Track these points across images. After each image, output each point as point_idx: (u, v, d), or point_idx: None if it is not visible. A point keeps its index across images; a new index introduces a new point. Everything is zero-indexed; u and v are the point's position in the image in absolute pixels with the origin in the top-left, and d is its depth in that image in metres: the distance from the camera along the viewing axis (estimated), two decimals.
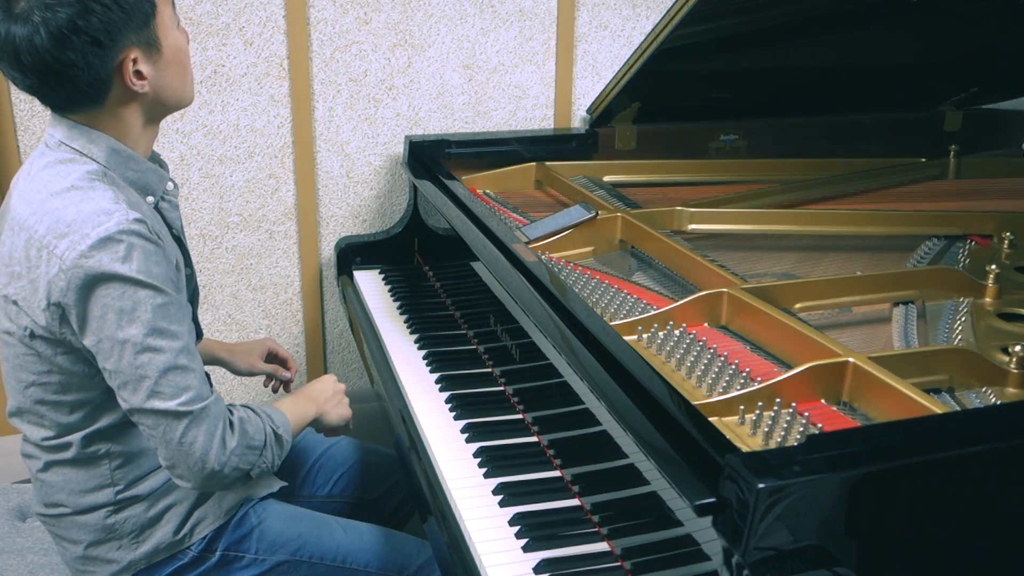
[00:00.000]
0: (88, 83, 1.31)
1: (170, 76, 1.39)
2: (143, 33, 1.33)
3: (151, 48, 1.35)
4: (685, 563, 1.09)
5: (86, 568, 1.50)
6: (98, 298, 1.29)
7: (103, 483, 1.46)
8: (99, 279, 1.28)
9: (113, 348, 1.30)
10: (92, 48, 1.28)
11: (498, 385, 1.75)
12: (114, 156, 1.38)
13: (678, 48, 2.10)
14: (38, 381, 1.41)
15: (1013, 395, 1.26)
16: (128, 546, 1.48)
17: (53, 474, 1.47)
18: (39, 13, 1.25)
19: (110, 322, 1.29)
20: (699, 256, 1.64)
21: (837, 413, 1.22)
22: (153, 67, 1.36)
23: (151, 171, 1.43)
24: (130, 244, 1.29)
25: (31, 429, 1.47)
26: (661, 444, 1.09)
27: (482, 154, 2.31)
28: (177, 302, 1.35)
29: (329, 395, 1.66)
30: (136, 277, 1.29)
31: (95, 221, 1.29)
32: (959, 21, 2.23)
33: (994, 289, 1.55)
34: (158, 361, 1.31)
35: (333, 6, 2.31)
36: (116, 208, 1.31)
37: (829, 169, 2.27)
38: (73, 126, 1.37)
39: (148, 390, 1.31)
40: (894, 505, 0.98)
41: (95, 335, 1.31)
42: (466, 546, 1.33)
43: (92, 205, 1.31)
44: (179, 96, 1.42)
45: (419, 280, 2.27)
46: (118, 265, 1.28)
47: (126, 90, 1.35)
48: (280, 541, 1.58)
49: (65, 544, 1.51)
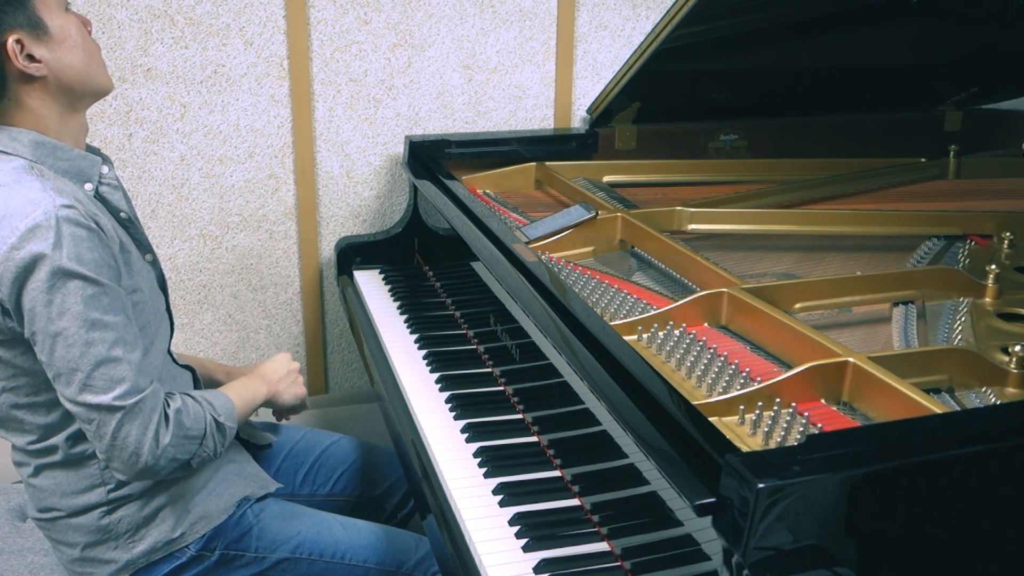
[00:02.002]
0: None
1: (67, 57, 1.37)
2: (20, 15, 1.32)
3: (36, 30, 1.33)
4: (685, 563, 1.09)
5: (84, 570, 1.50)
6: (28, 290, 1.28)
7: (94, 483, 1.46)
8: (29, 269, 1.28)
9: (45, 340, 1.30)
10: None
11: (498, 385, 1.75)
12: (39, 148, 1.37)
13: (678, 48, 2.10)
14: (7, 387, 1.40)
15: (1013, 395, 1.26)
16: (124, 546, 1.48)
17: (44, 478, 1.47)
18: None
19: (40, 314, 1.29)
20: (699, 256, 1.64)
21: (837, 413, 1.22)
22: (46, 49, 1.34)
23: (80, 157, 1.42)
24: (59, 230, 1.28)
25: (14, 436, 1.46)
26: (661, 444, 1.09)
27: (482, 154, 2.31)
28: (112, 291, 1.33)
29: (282, 374, 1.66)
30: (66, 266, 1.28)
31: (23, 212, 1.29)
32: (959, 21, 2.23)
33: (994, 289, 1.55)
34: (91, 354, 1.30)
35: (333, 6, 2.31)
36: (43, 196, 1.30)
37: (829, 169, 2.27)
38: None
39: (80, 383, 1.30)
40: (894, 505, 0.98)
41: (29, 327, 1.31)
42: (466, 546, 1.33)
43: (19, 198, 1.31)
44: (84, 78, 1.40)
45: (419, 280, 2.27)
46: (48, 252, 1.27)
47: (23, 76, 1.34)
48: (279, 539, 1.58)
49: (62, 547, 1.51)
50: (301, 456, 1.83)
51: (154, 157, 2.30)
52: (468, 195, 1.97)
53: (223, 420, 1.46)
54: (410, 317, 2.04)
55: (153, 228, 2.35)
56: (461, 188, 2.02)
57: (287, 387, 1.67)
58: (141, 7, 2.20)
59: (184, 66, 2.25)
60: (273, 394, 1.64)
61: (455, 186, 2.03)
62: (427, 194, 2.10)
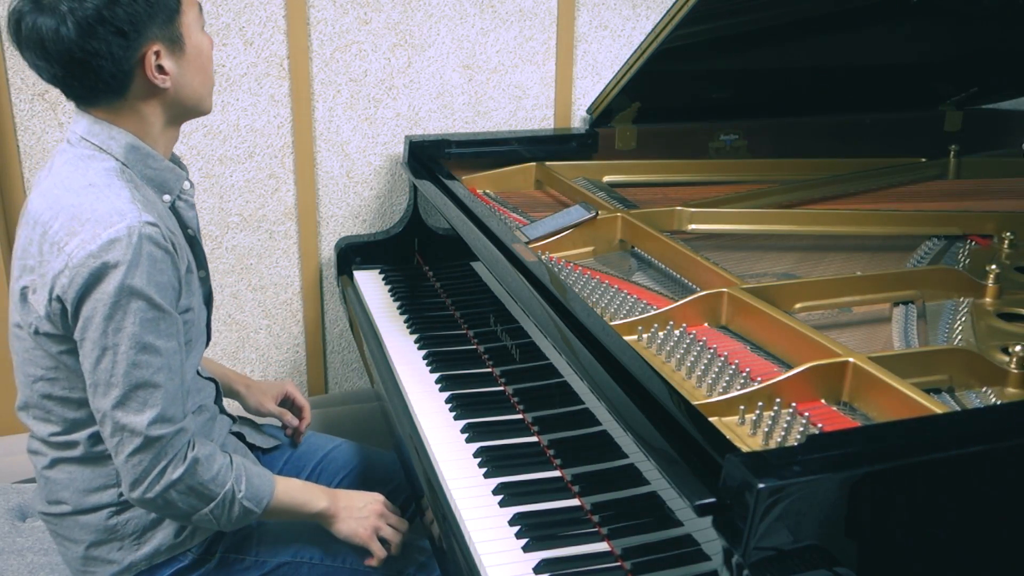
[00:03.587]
0: (111, 74, 1.32)
1: (191, 75, 1.40)
2: (167, 28, 1.35)
3: (174, 44, 1.37)
4: (685, 563, 1.08)
5: (87, 568, 1.50)
6: (92, 299, 1.29)
7: (108, 483, 1.46)
8: (100, 279, 1.28)
9: (93, 350, 1.30)
10: (116, 39, 1.30)
11: (498, 385, 1.75)
12: (133, 152, 1.39)
13: (678, 48, 2.10)
14: (45, 376, 1.41)
15: (1013, 395, 1.26)
16: (129, 547, 1.48)
17: (59, 471, 1.47)
18: (66, 3, 1.27)
19: (96, 325, 1.29)
20: (699, 256, 1.64)
21: (837, 413, 1.22)
22: (175, 64, 1.37)
23: (168, 169, 1.44)
24: (138, 248, 1.29)
25: (38, 425, 1.46)
26: (661, 444, 1.09)
27: (482, 154, 2.31)
28: (170, 318, 1.34)
29: (358, 506, 1.56)
30: (135, 285, 1.29)
31: (107, 221, 1.29)
32: (959, 21, 2.23)
33: (994, 289, 1.55)
34: (134, 375, 1.31)
35: (333, 6, 2.31)
36: (130, 209, 1.31)
37: (829, 169, 2.27)
38: (95, 121, 1.38)
39: (115, 399, 1.31)
40: (894, 505, 0.98)
41: (81, 332, 1.31)
42: (466, 546, 1.33)
43: (107, 205, 1.31)
44: (198, 98, 1.43)
45: (419, 280, 2.27)
46: (122, 268, 1.28)
47: (148, 84, 1.36)
48: (281, 543, 1.58)
49: (66, 544, 1.51)
50: (302, 461, 1.83)
51: None
52: (468, 195, 1.97)
53: (244, 499, 1.43)
54: (410, 317, 2.04)
55: None
56: (461, 188, 2.02)
57: (353, 518, 1.55)
58: None
59: None
60: (332, 516, 1.53)
61: (455, 186, 2.03)
62: (427, 194, 2.10)
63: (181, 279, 1.38)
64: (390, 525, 1.59)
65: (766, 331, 1.40)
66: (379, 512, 1.57)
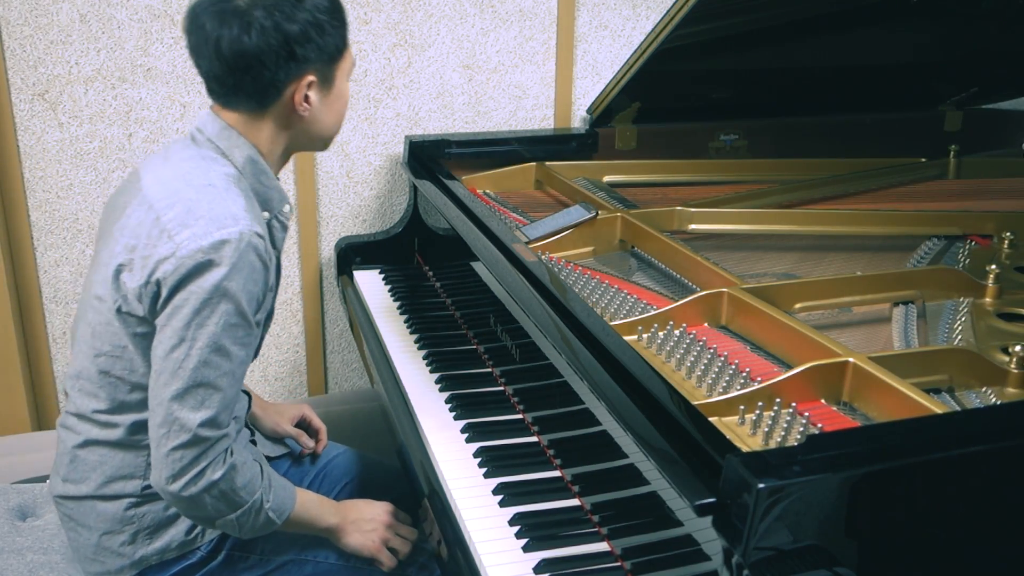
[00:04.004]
0: (264, 87, 1.40)
1: (327, 114, 1.48)
2: (327, 67, 1.44)
3: (326, 82, 1.45)
4: (685, 563, 1.09)
5: (96, 557, 1.51)
6: (188, 290, 1.32)
7: (135, 472, 1.47)
8: (201, 273, 1.32)
9: (171, 337, 1.33)
10: (287, 62, 1.38)
11: (498, 385, 1.75)
12: (251, 165, 1.45)
13: (678, 48, 2.10)
14: (112, 353, 1.43)
15: (1013, 395, 1.26)
16: (142, 541, 1.49)
17: (90, 452, 1.48)
18: (262, 17, 1.35)
19: (183, 315, 1.32)
20: (699, 256, 1.64)
21: (837, 413, 1.22)
22: (320, 99, 1.45)
23: (276, 189, 1.50)
24: (243, 255, 1.34)
25: (84, 399, 1.47)
26: (661, 444, 1.09)
27: (482, 154, 2.31)
28: (249, 327, 1.37)
29: (366, 518, 1.57)
30: (230, 289, 1.33)
31: (221, 223, 1.34)
32: (959, 21, 2.23)
33: (994, 289, 1.55)
34: (201, 373, 1.33)
35: None
36: (244, 216, 1.36)
37: (829, 169, 2.27)
38: (225, 127, 1.44)
39: (176, 390, 1.33)
40: (894, 505, 0.98)
41: (167, 317, 1.34)
42: (466, 546, 1.33)
43: (223, 207, 1.36)
44: (325, 136, 1.51)
45: (419, 280, 2.27)
46: (223, 270, 1.32)
47: (289, 108, 1.43)
48: (286, 541, 1.58)
49: (78, 529, 1.51)
50: (304, 467, 1.83)
51: None
52: (468, 195, 1.97)
53: (270, 509, 1.44)
54: (410, 317, 2.04)
55: None
56: (461, 188, 2.02)
57: (360, 531, 1.56)
58: (141, 7, 2.20)
59: (184, 66, 2.25)
60: (339, 530, 1.55)
61: (455, 186, 2.03)
62: (427, 194, 2.10)
63: (265, 294, 1.42)
64: (399, 535, 1.60)
65: (766, 331, 1.40)
66: (387, 523, 1.58)
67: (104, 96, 2.24)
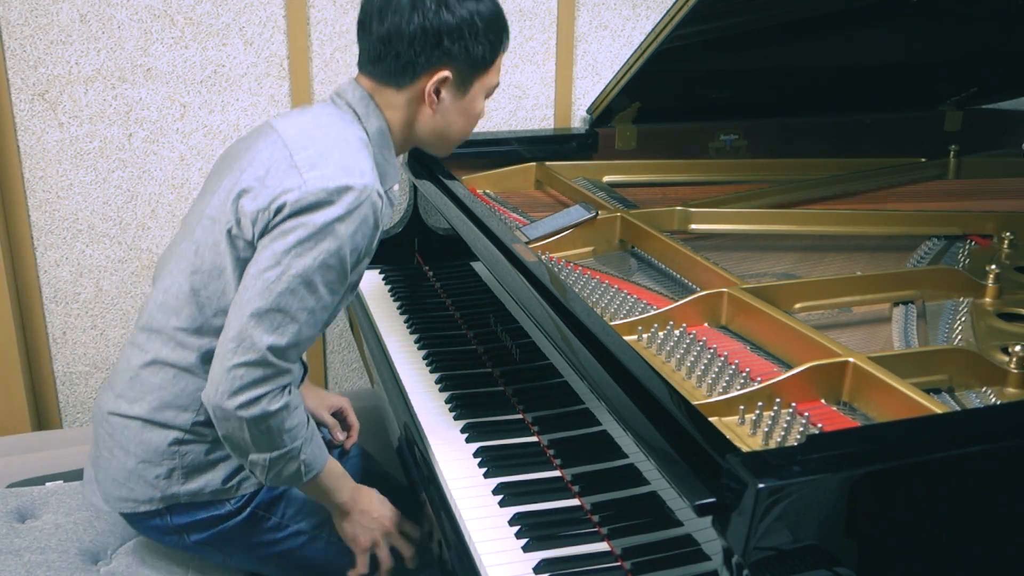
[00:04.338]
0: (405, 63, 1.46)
1: (454, 116, 1.53)
2: (467, 70, 1.49)
3: (462, 86, 1.51)
4: (685, 563, 1.08)
5: (127, 483, 1.51)
6: (302, 220, 1.36)
7: (189, 405, 1.48)
8: (317, 208, 1.36)
9: (268, 260, 1.37)
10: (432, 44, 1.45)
11: (498, 385, 1.75)
12: (380, 136, 1.52)
13: (678, 48, 2.10)
14: (211, 272, 1.46)
15: (1013, 395, 1.26)
16: (177, 479, 1.50)
17: (153, 373, 1.49)
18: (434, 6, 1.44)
19: (288, 241, 1.36)
20: (699, 256, 1.64)
21: (837, 413, 1.22)
22: (450, 99, 1.51)
23: (393, 166, 1.55)
24: (360, 206, 1.39)
25: (163, 313, 1.49)
26: (661, 444, 1.09)
27: (482, 154, 2.31)
28: (342, 275, 1.41)
29: (372, 515, 1.57)
30: (337, 231, 1.37)
31: (349, 171, 1.40)
32: (959, 21, 2.23)
33: (994, 289, 1.55)
34: (284, 301, 1.36)
35: (333, 6, 2.31)
36: (371, 175, 1.42)
37: (829, 169, 2.27)
38: (365, 96, 1.51)
39: (256, 310, 1.35)
40: (894, 505, 0.98)
41: (272, 240, 1.38)
42: (466, 546, 1.33)
43: (355, 161, 1.42)
44: (444, 137, 1.56)
45: (419, 280, 2.27)
46: (338, 211, 1.37)
47: (420, 96, 1.50)
48: (305, 510, 1.60)
49: (116, 451, 1.51)
50: None
51: (154, 157, 2.30)
52: (468, 195, 1.97)
53: (303, 461, 1.44)
54: (410, 317, 2.04)
55: (153, 228, 2.35)
56: (461, 188, 2.02)
57: (361, 523, 1.56)
58: (141, 7, 2.20)
59: (184, 66, 2.25)
60: (346, 512, 1.55)
61: (455, 186, 2.03)
62: (427, 194, 2.10)
63: (366, 254, 1.45)
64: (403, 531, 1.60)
65: (766, 331, 1.40)
66: (386, 530, 1.58)
67: (104, 96, 2.24)
